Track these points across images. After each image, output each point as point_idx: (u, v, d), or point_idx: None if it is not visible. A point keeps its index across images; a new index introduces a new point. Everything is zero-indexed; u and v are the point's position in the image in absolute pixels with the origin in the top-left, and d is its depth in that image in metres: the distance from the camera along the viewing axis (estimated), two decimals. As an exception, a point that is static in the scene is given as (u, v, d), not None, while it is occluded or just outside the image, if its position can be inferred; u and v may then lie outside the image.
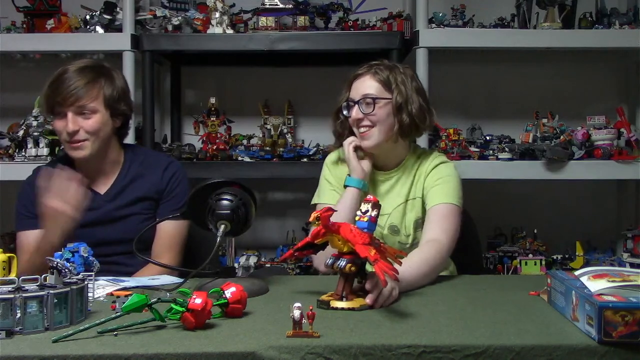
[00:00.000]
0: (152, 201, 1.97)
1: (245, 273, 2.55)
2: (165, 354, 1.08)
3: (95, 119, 1.86)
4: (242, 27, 2.72)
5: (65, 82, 1.85)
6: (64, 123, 1.85)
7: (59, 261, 1.29)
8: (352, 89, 1.92)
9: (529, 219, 2.88)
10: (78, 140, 1.86)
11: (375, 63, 1.93)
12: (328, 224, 1.39)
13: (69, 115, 1.84)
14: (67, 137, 1.85)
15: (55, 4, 2.79)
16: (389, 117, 1.88)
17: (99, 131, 1.87)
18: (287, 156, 2.65)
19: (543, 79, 3.04)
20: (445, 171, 1.93)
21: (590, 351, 1.12)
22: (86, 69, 1.89)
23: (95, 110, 1.86)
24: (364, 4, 3.05)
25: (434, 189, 1.90)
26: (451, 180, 1.91)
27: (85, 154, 1.88)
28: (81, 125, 1.85)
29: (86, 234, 1.74)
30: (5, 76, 2.95)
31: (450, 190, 1.89)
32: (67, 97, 1.83)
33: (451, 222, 1.84)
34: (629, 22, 2.69)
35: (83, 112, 1.85)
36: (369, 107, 1.86)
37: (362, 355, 1.11)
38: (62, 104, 1.84)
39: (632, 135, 2.62)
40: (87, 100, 1.85)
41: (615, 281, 1.24)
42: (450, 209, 1.86)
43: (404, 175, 1.96)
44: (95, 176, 1.95)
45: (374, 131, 1.88)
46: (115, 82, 1.92)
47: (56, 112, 1.87)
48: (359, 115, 1.87)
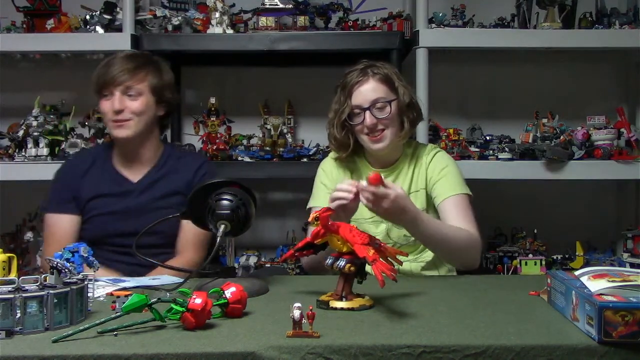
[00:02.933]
0: (183, 197, 1.95)
1: (245, 273, 2.56)
2: (165, 354, 1.08)
3: (140, 101, 1.95)
4: (242, 27, 2.72)
5: (114, 65, 1.94)
6: (110, 103, 1.93)
7: (59, 261, 1.29)
8: (355, 96, 1.91)
9: (529, 219, 2.88)
10: (123, 120, 1.93)
11: (367, 65, 1.93)
12: (327, 224, 1.39)
13: (116, 94, 1.92)
14: (112, 115, 1.93)
15: (55, 4, 2.79)
16: (397, 116, 1.93)
17: (143, 113, 1.95)
18: (287, 156, 2.65)
19: (543, 79, 3.04)
20: (445, 160, 2.00)
21: (590, 351, 1.12)
22: (135, 55, 2.02)
23: (141, 93, 1.95)
24: (364, 4, 3.05)
25: (441, 182, 1.95)
26: (452, 170, 1.97)
27: (128, 133, 1.95)
28: (127, 105, 1.93)
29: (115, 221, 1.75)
30: (5, 76, 2.94)
31: (455, 180, 1.95)
32: (115, 77, 1.92)
33: (469, 213, 1.91)
34: (629, 22, 2.69)
35: (129, 93, 1.94)
36: (382, 111, 1.89)
37: (362, 355, 1.11)
38: (111, 83, 1.92)
39: (632, 135, 2.62)
40: (134, 82, 1.94)
41: (615, 281, 1.24)
42: (463, 199, 1.92)
43: (403, 169, 2.01)
44: (131, 162, 2.02)
45: (386, 133, 1.92)
46: (162, 71, 2.02)
47: (103, 93, 1.95)
48: (374, 121, 1.89)
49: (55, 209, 1.99)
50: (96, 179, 2.01)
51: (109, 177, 2.02)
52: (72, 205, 1.99)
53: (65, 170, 2.07)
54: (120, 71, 1.93)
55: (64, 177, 2.04)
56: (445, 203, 1.91)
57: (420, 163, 2.00)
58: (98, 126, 2.65)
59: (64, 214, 1.98)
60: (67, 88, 2.96)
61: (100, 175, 2.02)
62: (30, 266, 2.73)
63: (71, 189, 1.99)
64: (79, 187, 2.00)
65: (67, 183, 2.01)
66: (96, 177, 2.02)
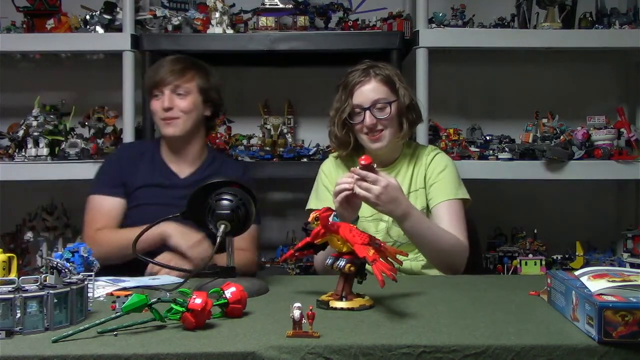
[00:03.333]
0: None
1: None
2: (165, 354, 1.07)
3: (189, 100, 2.05)
4: (242, 27, 2.72)
5: (164, 67, 2.06)
6: (160, 102, 2.03)
7: (59, 261, 1.29)
8: (356, 96, 1.93)
9: (529, 219, 2.88)
10: (172, 117, 2.03)
11: (369, 66, 1.96)
12: (327, 224, 1.39)
13: (166, 93, 2.03)
14: (162, 113, 2.03)
15: (55, 4, 2.79)
16: (397, 117, 1.95)
17: (191, 111, 2.05)
18: (287, 156, 2.66)
19: (543, 79, 3.04)
20: (444, 162, 2.02)
21: (590, 351, 1.12)
22: (183, 57, 2.12)
23: (189, 92, 2.05)
24: (364, 4, 3.05)
25: (437, 185, 1.98)
26: (450, 173, 1.99)
27: (177, 131, 2.04)
28: (176, 104, 2.03)
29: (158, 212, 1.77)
30: (5, 76, 2.94)
31: (452, 184, 1.97)
32: (165, 77, 2.03)
33: (460, 219, 1.93)
34: (629, 22, 2.69)
35: (178, 92, 2.04)
36: (382, 112, 1.92)
37: (362, 355, 1.11)
38: (161, 83, 2.03)
39: (632, 135, 2.62)
40: (183, 82, 2.04)
41: (615, 281, 1.24)
42: (456, 205, 1.94)
43: (402, 168, 2.03)
44: (179, 160, 2.11)
45: (385, 133, 1.94)
46: (209, 73, 2.12)
47: (154, 94, 2.05)
48: (373, 121, 1.91)
49: (105, 191, 2.06)
50: (146, 169, 2.10)
51: (159, 169, 2.11)
52: (121, 190, 2.06)
53: (117, 156, 2.17)
54: (170, 71, 2.03)
55: (116, 163, 2.12)
56: (438, 207, 1.94)
57: (420, 163, 2.02)
58: (98, 126, 2.65)
59: (113, 197, 2.04)
60: (67, 88, 2.96)
61: (150, 166, 2.11)
62: (30, 266, 2.73)
63: (121, 175, 2.07)
64: (129, 174, 2.08)
65: (118, 168, 2.09)
66: (146, 168, 2.10)
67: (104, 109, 2.70)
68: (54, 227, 2.75)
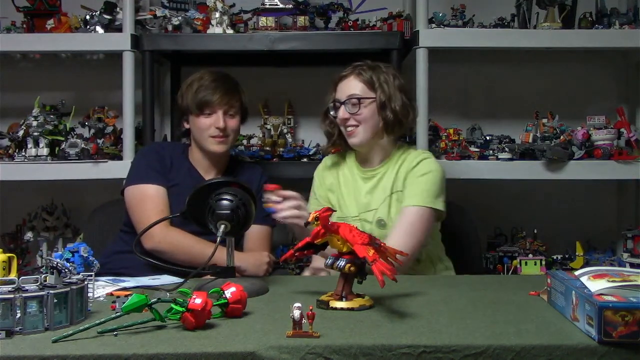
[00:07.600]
0: None
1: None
2: (165, 354, 1.08)
3: (237, 120, 2.15)
4: (242, 27, 2.72)
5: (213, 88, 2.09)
6: (211, 120, 2.08)
7: (59, 261, 1.29)
8: (338, 90, 2.01)
9: (529, 219, 2.88)
10: (224, 136, 2.10)
11: (359, 64, 2.02)
12: (327, 224, 1.39)
13: (220, 113, 2.09)
14: (214, 132, 2.08)
15: (55, 4, 2.79)
16: (373, 115, 1.97)
17: (239, 129, 2.20)
18: (287, 156, 2.66)
19: (543, 79, 3.04)
20: (430, 168, 1.96)
21: (590, 351, 1.12)
22: (226, 76, 2.18)
23: (237, 113, 2.15)
24: (364, 4, 3.05)
25: (411, 187, 1.95)
26: (431, 179, 1.94)
27: (226, 148, 2.14)
28: (227, 123, 2.10)
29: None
30: (5, 76, 2.94)
31: (427, 190, 1.92)
32: (220, 98, 2.08)
33: (418, 228, 1.88)
34: (629, 22, 2.69)
35: (230, 112, 2.11)
36: (354, 107, 1.96)
37: (362, 355, 1.11)
38: (217, 104, 2.08)
39: (632, 135, 2.62)
40: (234, 102, 2.12)
41: (615, 281, 1.24)
42: (421, 212, 1.89)
43: (388, 170, 2.03)
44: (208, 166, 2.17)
45: (359, 129, 1.98)
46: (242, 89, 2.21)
47: (205, 111, 2.09)
48: (346, 115, 1.97)
49: (151, 180, 2.06)
50: (175, 169, 2.14)
51: (186, 169, 2.16)
52: (164, 178, 2.09)
53: (153, 151, 2.19)
54: (225, 93, 2.09)
55: (155, 155, 2.14)
56: (403, 209, 1.92)
57: (405, 165, 2.00)
58: (98, 126, 2.65)
59: (159, 185, 2.06)
60: (67, 88, 2.96)
61: (179, 166, 2.15)
62: (30, 266, 2.73)
63: (162, 167, 2.11)
64: (167, 169, 2.12)
65: (158, 161, 2.12)
66: (175, 167, 2.14)
67: (104, 109, 2.69)
68: (54, 227, 2.75)
